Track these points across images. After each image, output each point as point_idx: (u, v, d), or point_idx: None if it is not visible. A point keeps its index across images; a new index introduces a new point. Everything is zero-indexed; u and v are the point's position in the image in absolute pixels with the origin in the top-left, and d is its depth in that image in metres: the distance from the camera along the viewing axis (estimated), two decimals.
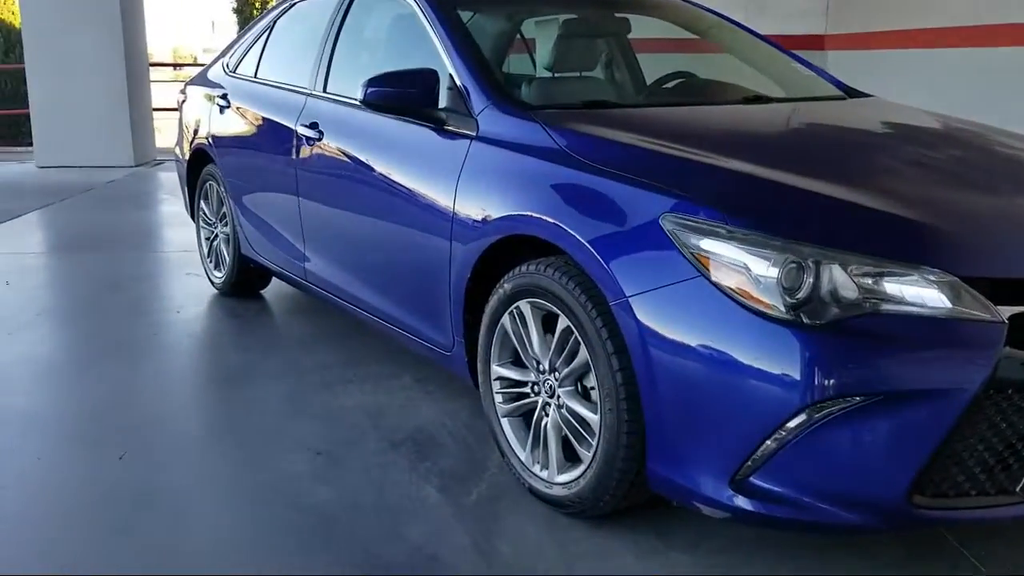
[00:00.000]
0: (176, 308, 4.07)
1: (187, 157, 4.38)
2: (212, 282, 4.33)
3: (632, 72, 3.75)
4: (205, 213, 4.34)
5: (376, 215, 2.88)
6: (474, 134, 2.49)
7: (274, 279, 4.12)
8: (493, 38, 3.57)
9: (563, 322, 2.14)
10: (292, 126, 3.34)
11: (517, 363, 2.36)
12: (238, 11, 19.78)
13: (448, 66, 2.66)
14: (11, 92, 15.13)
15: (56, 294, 4.41)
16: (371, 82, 2.64)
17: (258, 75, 3.89)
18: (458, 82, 2.61)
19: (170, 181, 8.05)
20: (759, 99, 2.84)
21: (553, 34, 3.69)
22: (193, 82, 4.57)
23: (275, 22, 3.94)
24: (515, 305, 2.28)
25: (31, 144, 9.16)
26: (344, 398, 3.02)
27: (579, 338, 2.08)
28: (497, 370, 2.39)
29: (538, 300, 2.21)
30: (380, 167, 2.84)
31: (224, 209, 4.10)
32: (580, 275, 2.08)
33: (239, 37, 4.30)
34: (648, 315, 1.89)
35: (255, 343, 3.61)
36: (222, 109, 3.99)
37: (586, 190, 2.10)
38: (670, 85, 3.27)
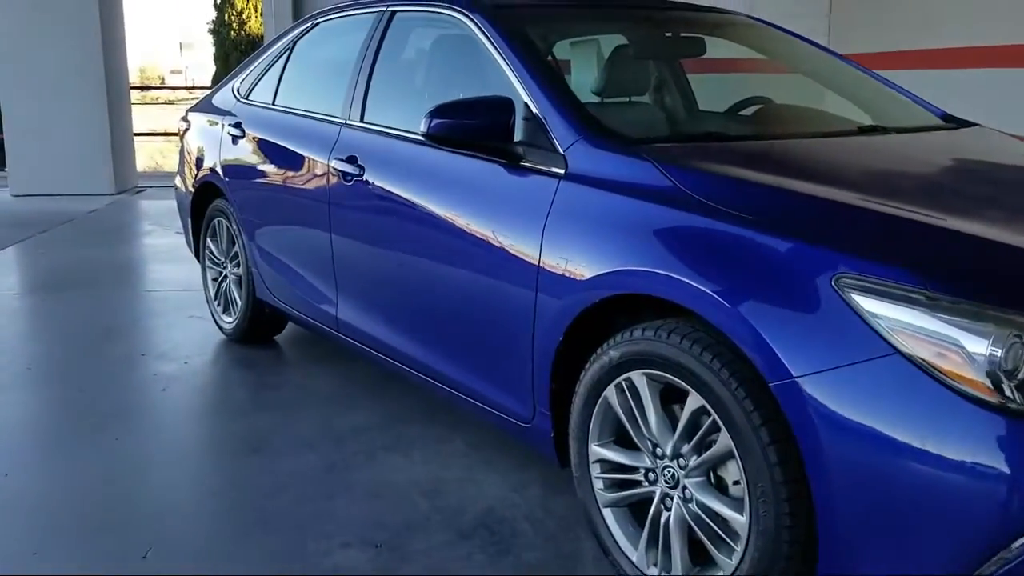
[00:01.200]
0: (183, 358, 3.66)
1: (191, 190, 3.99)
2: (220, 327, 3.93)
3: (685, 96, 3.43)
4: (212, 252, 3.95)
5: (433, 260, 2.52)
6: (562, 172, 2.13)
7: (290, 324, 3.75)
8: None
9: (694, 400, 1.78)
10: (324, 160, 2.97)
11: (623, 443, 2.00)
12: (214, 32, 19.32)
13: (522, 94, 2.31)
14: None
15: (45, 343, 3.98)
16: (436, 113, 2.28)
17: (276, 102, 3.51)
18: (536, 112, 2.26)
19: (155, 210, 7.63)
20: (874, 129, 2.51)
21: (592, 55, 3.37)
22: (197, 108, 4.18)
23: (295, 43, 3.57)
24: (624, 376, 1.93)
25: (2, 169, 8.69)
26: (391, 471, 2.64)
27: (719, 421, 1.73)
28: (597, 451, 2.03)
29: (657, 372, 1.85)
30: (438, 207, 2.47)
31: (236, 248, 3.71)
32: (718, 345, 1.73)
33: (250, 60, 3.93)
34: (825, 400, 1.54)
35: (278, 401, 3.22)
36: (235, 139, 3.60)
37: (724, 243, 1.75)
38: (748, 112, 2.94)
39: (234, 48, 18.57)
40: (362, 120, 2.92)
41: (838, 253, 1.60)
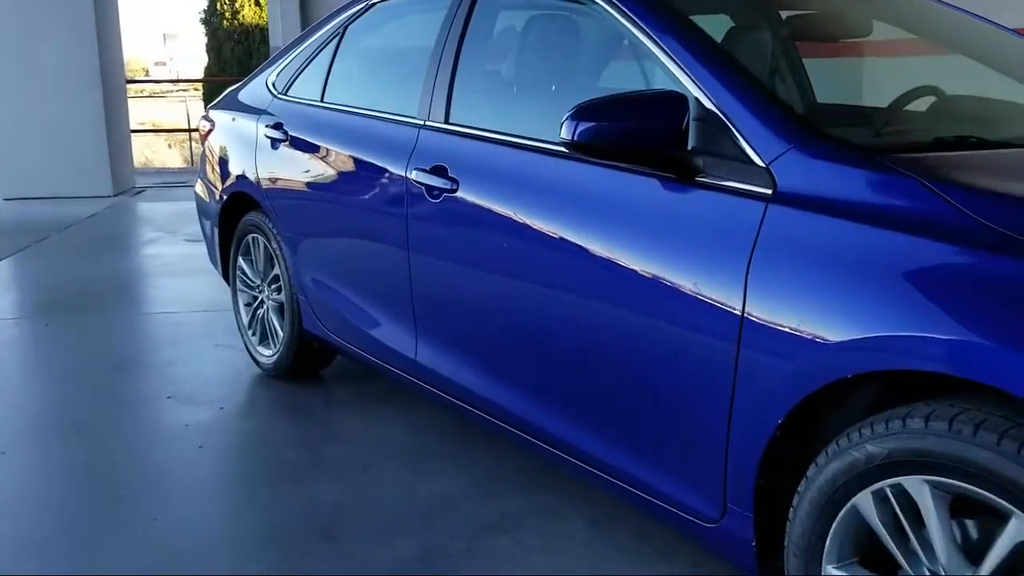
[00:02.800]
0: (217, 402, 3.10)
1: (220, 200, 3.42)
2: (256, 361, 3.37)
3: (799, 83, 2.89)
4: (245, 273, 3.38)
5: (566, 301, 1.97)
6: (769, 192, 1.59)
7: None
8: None
9: (1019, 528, 1.24)
10: (399, 170, 2.41)
11: (873, 563, 1.46)
12: (206, 22, 18.56)
13: (690, 86, 1.77)
14: None
15: (50, 385, 3.39)
16: (582, 115, 1.73)
17: (326, 99, 2.95)
18: (715, 109, 1.71)
19: (157, 214, 7.06)
20: None
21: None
22: (220, 106, 3.61)
23: (346, 28, 3.00)
24: (892, 481, 1.38)
25: None
26: (504, 563, 2.10)
27: None
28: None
29: (951, 480, 1.31)
30: (575, 235, 1.91)
31: (276, 270, 3.15)
32: None
33: (287, 49, 3.35)
34: None
35: (341, 460, 2.66)
36: (274, 143, 3.04)
37: None
38: (923, 108, 2.38)
39: (227, 39, 17.85)
40: (447, 121, 2.36)
41: None
